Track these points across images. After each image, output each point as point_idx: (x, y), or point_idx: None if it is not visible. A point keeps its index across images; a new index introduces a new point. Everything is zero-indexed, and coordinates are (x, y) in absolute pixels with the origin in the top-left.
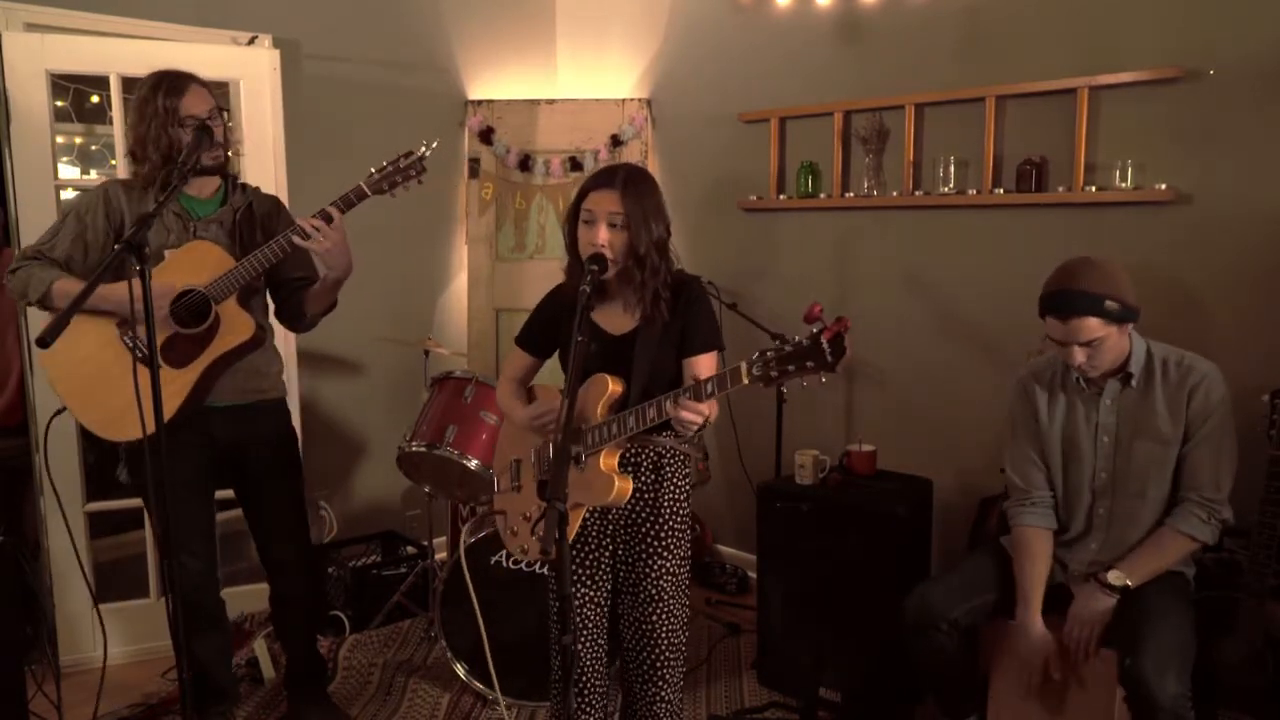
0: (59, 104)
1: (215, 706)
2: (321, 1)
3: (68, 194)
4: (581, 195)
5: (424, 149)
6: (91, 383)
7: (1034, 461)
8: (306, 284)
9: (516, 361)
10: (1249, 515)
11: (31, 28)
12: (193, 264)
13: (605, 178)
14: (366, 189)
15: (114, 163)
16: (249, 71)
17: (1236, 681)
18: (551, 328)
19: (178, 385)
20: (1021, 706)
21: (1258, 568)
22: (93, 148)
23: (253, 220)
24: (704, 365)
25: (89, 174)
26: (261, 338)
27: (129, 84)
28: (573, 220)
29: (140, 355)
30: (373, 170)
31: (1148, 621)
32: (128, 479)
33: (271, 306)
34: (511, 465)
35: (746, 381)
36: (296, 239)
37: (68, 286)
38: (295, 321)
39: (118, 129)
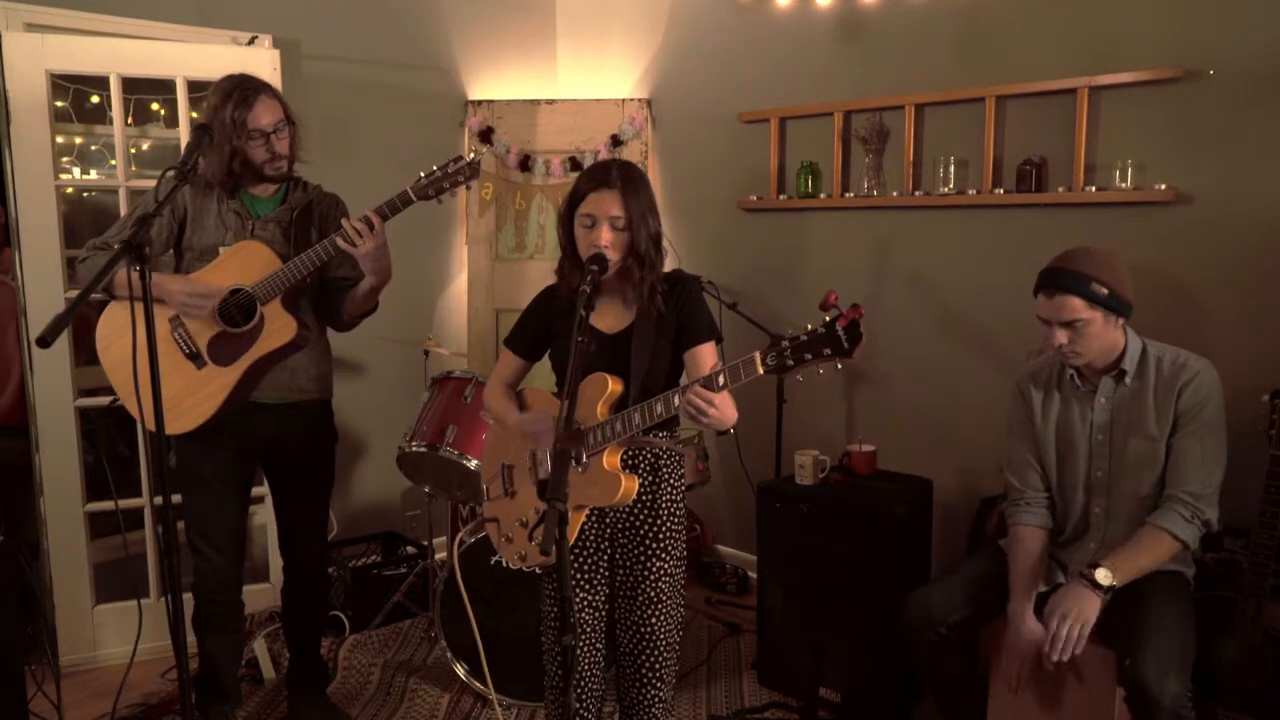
0: (59, 104)
1: (218, 706)
2: (321, 1)
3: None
4: (578, 197)
5: (473, 155)
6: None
7: (1030, 463)
8: (350, 284)
9: (506, 364)
10: (1249, 515)
11: (31, 28)
12: (242, 263)
13: (601, 177)
14: (413, 195)
15: (113, 163)
16: (249, 71)
17: (1236, 681)
18: (543, 330)
19: (221, 382)
20: (1021, 708)
21: (1258, 568)
22: (92, 148)
23: (309, 220)
24: (705, 355)
25: (89, 174)
26: (304, 340)
27: (129, 84)
28: (568, 221)
29: (187, 351)
30: (421, 175)
31: (1148, 622)
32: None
33: None
34: (502, 471)
35: (761, 371)
36: (340, 242)
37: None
38: (334, 320)
39: (118, 129)
